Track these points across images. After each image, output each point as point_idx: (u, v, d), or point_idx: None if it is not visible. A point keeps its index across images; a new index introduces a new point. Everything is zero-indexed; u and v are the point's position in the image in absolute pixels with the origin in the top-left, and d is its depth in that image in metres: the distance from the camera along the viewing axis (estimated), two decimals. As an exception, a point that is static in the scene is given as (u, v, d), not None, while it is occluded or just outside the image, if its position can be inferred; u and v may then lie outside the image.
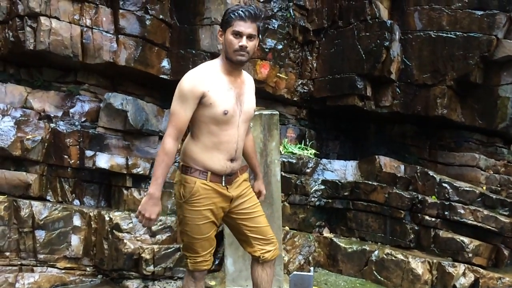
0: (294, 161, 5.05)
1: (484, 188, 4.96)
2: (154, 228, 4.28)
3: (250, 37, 2.56)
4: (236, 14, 2.54)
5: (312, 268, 2.55)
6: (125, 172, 4.59)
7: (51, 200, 4.51)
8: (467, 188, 4.67)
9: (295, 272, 2.41)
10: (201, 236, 2.68)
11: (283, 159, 4.92)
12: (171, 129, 2.53)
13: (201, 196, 2.62)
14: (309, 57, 5.64)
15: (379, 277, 4.49)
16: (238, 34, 2.54)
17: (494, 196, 4.72)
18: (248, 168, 2.95)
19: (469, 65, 4.79)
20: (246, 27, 2.54)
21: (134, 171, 4.63)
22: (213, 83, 2.55)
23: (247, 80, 2.78)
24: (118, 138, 4.74)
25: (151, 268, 4.15)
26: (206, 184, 2.62)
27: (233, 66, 2.62)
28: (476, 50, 4.74)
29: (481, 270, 4.38)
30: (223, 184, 2.66)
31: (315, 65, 5.62)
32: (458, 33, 4.82)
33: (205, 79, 2.54)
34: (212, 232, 2.74)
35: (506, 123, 4.97)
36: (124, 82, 5.11)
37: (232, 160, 2.66)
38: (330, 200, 5.00)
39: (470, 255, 4.46)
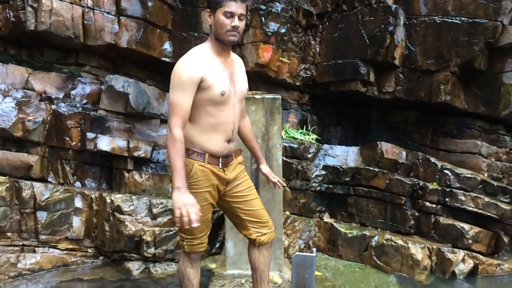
0: (295, 146, 5.04)
1: (486, 175, 4.96)
2: (155, 210, 4.29)
3: (241, 16, 2.55)
4: None
5: (314, 249, 2.56)
6: (126, 155, 4.59)
7: (52, 181, 4.52)
8: (469, 175, 4.67)
9: (298, 253, 2.42)
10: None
11: (285, 144, 4.92)
12: (177, 119, 2.48)
13: (199, 178, 2.62)
14: (312, 42, 5.59)
15: (378, 262, 4.51)
16: (230, 15, 2.52)
17: (495, 183, 4.73)
18: (242, 151, 2.94)
19: (473, 51, 4.74)
20: (238, 7, 2.53)
21: (136, 154, 4.63)
22: (208, 66, 2.54)
23: (236, 60, 2.79)
24: (119, 120, 4.73)
25: (152, 250, 4.17)
26: (204, 166, 2.62)
27: (223, 47, 2.62)
28: (481, 36, 4.69)
29: (481, 257, 4.41)
30: (220, 166, 2.67)
31: (318, 49, 5.57)
32: (463, 18, 4.76)
33: (200, 64, 2.53)
34: (210, 214, 2.76)
35: (509, 110, 4.94)
36: (125, 65, 5.08)
37: (229, 141, 2.68)
38: (331, 186, 5.01)
39: (470, 241, 4.48)
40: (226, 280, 3.91)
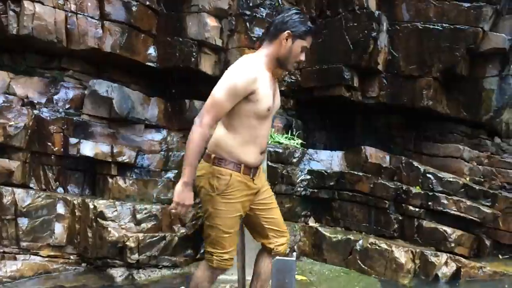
0: (280, 151, 5.05)
1: (468, 179, 5.02)
2: (139, 216, 4.26)
3: None
4: (312, 30, 2.62)
5: (294, 253, 2.56)
6: (110, 160, 4.56)
7: (34, 187, 4.45)
8: (451, 179, 4.73)
9: (277, 257, 2.42)
10: (231, 230, 2.66)
11: (270, 149, 4.92)
12: (211, 118, 2.47)
13: (235, 188, 2.61)
14: (296, 47, 5.61)
15: (363, 266, 4.53)
16: (304, 49, 2.62)
17: (477, 187, 4.79)
18: (264, 159, 2.94)
19: (455, 57, 4.82)
20: None
21: (120, 159, 4.60)
22: (261, 81, 2.55)
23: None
24: (103, 125, 4.70)
25: (135, 256, 4.13)
26: (240, 177, 2.62)
27: (276, 66, 2.67)
28: (462, 42, 4.77)
29: (463, 260, 4.45)
30: (251, 176, 2.67)
31: (302, 55, 5.59)
32: (445, 25, 4.84)
33: (257, 77, 2.52)
34: (238, 227, 2.73)
35: (490, 115, 5.03)
36: (109, 69, 5.05)
37: (262, 152, 2.71)
38: (316, 190, 5.02)
39: (453, 244, 4.52)
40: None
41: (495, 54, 4.89)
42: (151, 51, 5.01)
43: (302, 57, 2.63)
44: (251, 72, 2.51)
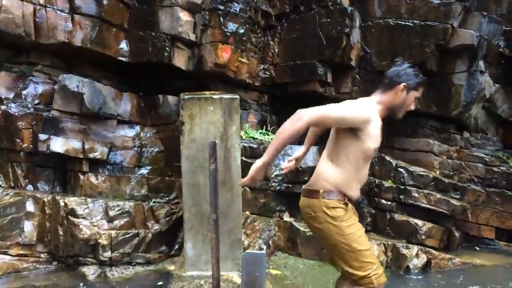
0: (255, 146, 5.05)
1: (438, 172, 5.13)
2: (111, 213, 4.20)
3: None
4: (424, 82, 2.82)
5: (264, 247, 2.60)
6: (81, 156, 4.47)
7: (2, 185, 4.34)
8: (421, 173, 4.83)
9: (247, 251, 2.43)
10: (368, 246, 2.77)
11: (244, 144, 4.92)
12: (315, 117, 2.60)
13: (351, 212, 2.79)
14: (271, 42, 5.63)
15: (336, 260, 4.58)
16: (416, 100, 2.82)
17: (446, 180, 4.91)
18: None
19: (425, 53, 4.91)
20: None
21: (91, 155, 4.52)
22: (373, 123, 2.71)
23: None
24: (74, 121, 4.60)
25: (108, 254, 4.08)
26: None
27: (387, 114, 2.84)
28: (432, 38, 4.87)
29: (433, 252, 4.56)
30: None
31: (276, 50, 5.61)
32: (415, 21, 4.93)
33: (371, 119, 2.70)
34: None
35: (459, 110, 5.14)
36: (80, 64, 4.95)
37: (361, 188, 2.88)
38: (290, 185, 5.04)
39: (423, 237, 4.63)
40: (185, 281, 3.87)
41: (464, 50, 5.00)
42: (123, 45, 4.92)
43: (413, 106, 2.84)
44: (368, 113, 2.70)
